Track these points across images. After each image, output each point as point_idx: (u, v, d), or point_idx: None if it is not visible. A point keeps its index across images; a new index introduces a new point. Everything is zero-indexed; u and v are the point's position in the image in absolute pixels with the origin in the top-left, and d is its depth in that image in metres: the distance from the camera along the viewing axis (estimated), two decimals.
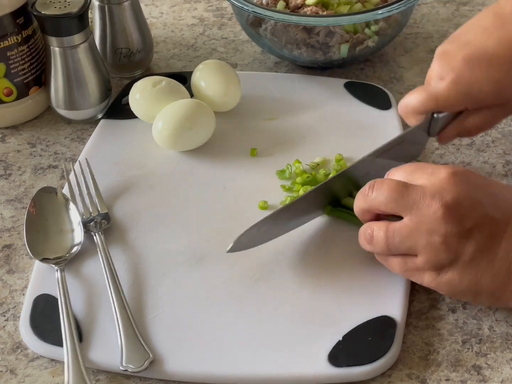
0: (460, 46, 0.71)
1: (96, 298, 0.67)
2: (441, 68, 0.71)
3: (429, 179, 0.62)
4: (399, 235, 0.62)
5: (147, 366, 0.61)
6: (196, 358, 0.62)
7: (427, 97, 0.71)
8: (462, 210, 0.60)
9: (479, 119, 0.72)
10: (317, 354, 0.62)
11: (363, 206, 0.65)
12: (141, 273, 0.69)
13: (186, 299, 0.67)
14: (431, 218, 0.60)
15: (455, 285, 0.62)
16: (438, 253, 0.61)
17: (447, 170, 0.62)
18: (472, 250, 0.60)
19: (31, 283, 0.69)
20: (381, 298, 0.66)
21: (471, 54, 0.70)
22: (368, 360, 0.61)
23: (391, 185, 0.63)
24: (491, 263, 0.60)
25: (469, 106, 0.71)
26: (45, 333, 0.64)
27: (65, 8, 0.80)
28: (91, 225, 0.72)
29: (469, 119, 0.72)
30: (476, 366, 0.62)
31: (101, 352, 0.63)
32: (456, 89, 0.70)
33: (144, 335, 0.63)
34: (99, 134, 0.84)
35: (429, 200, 0.61)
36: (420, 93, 0.72)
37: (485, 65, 0.69)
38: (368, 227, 0.65)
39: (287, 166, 0.78)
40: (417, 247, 0.62)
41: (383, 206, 0.63)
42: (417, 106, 0.72)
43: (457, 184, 0.61)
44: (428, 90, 0.71)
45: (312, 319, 0.65)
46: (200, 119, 0.80)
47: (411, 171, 0.64)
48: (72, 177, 0.77)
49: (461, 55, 0.70)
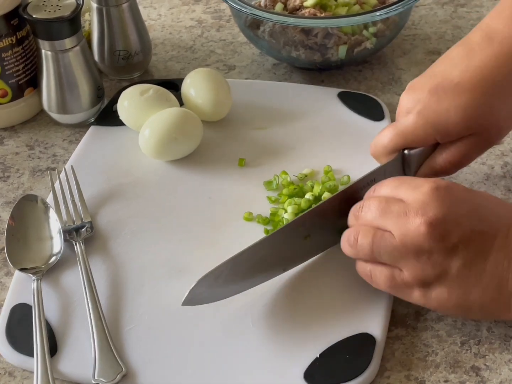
0: (428, 78, 0.70)
1: (73, 309, 0.67)
2: (409, 102, 0.69)
3: (412, 194, 0.61)
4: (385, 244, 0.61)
5: (119, 380, 0.61)
6: (170, 372, 0.62)
7: (395, 133, 0.69)
8: (446, 226, 0.59)
9: (452, 153, 0.69)
10: (293, 372, 0.61)
11: (355, 224, 0.64)
12: (120, 284, 0.69)
13: (163, 312, 0.66)
14: (415, 234, 0.59)
15: (444, 301, 0.61)
16: (424, 269, 0.60)
17: (430, 185, 0.61)
18: (459, 265, 0.59)
19: (9, 292, 0.68)
20: (361, 315, 0.65)
21: (437, 84, 0.68)
22: (345, 378, 0.61)
23: (376, 203, 0.63)
24: (479, 278, 0.60)
25: (439, 138, 0.69)
26: (19, 343, 0.64)
27: (57, 12, 0.80)
28: (73, 234, 0.72)
29: (442, 154, 0.70)
30: (474, 367, 0.62)
31: (75, 364, 0.63)
32: (422, 121, 0.68)
33: (119, 348, 0.63)
34: (88, 140, 0.84)
35: (413, 216, 0.60)
36: (389, 130, 0.70)
37: (450, 94, 0.67)
38: (354, 230, 0.63)
39: (274, 177, 0.77)
40: (401, 261, 0.61)
41: (370, 224, 0.62)
42: (386, 143, 0.70)
43: (439, 199, 0.60)
44: (395, 126, 0.70)
45: (289, 336, 0.64)
46: (186, 129, 0.79)
47: (395, 186, 0.63)
48: (57, 185, 0.76)
49: (428, 87, 0.68)
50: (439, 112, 0.67)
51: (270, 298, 0.67)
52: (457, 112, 0.67)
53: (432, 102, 0.68)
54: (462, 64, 0.68)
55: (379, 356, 0.62)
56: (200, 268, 0.68)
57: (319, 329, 0.64)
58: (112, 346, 0.62)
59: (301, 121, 0.84)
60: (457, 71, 0.68)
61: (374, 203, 0.63)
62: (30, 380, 0.63)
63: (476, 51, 0.69)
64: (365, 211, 0.63)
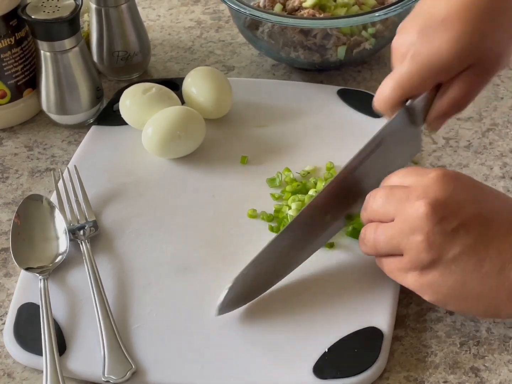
0: (415, 19, 0.68)
1: (80, 307, 0.67)
2: (401, 46, 0.68)
3: (418, 180, 0.61)
4: (384, 234, 0.61)
5: (129, 377, 0.61)
6: (179, 369, 0.62)
7: (393, 83, 0.68)
8: (447, 209, 0.59)
9: (456, 90, 0.67)
10: (302, 366, 0.61)
11: (365, 216, 0.65)
12: (127, 282, 0.68)
13: (171, 310, 0.66)
14: (414, 216, 0.59)
15: (438, 287, 0.60)
16: (420, 251, 0.59)
17: (437, 172, 0.61)
18: (457, 250, 0.58)
19: (16, 291, 0.68)
20: (369, 309, 0.65)
21: (424, 24, 0.66)
22: (353, 372, 0.61)
23: (380, 192, 0.63)
24: (479, 265, 0.58)
25: (437, 79, 0.67)
26: (27, 342, 0.64)
27: (56, 13, 0.80)
28: (78, 233, 0.72)
29: (446, 93, 0.67)
30: (474, 368, 0.62)
31: (84, 362, 0.63)
32: (417, 66, 0.66)
33: (128, 345, 0.63)
34: (89, 140, 0.84)
35: (414, 198, 0.60)
36: (387, 82, 0.68)
37: (439, 30, 0.65)
38: (364, 228, 0.64)
39: (277, 174, 0.77)
40: (400, 246, 0.60)
41: (378, 214, 0.63)
42: (387, 96, 0.68)
43: (444, 183, 0.60)
44: (393, 76, 0.68)
45: (297, 330, 0.64)
46: (189, 127, 0.79)
47: (403, 175, 0.64)
48: (60, 185, 0.76)
49: (416, 28, 0.67)
50: (432, 52, 0.65)
51: (278, 293, 0.67)
52: (448, 47, 0.65)
53: (423, 43, 0.66)
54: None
55: (387, 350, 0.63)
56: (206, 265, 0.69)
57: (327, 323, 0.64)
58: (121, 344, 0.62)
59: (302, 118, 0.85)
60: (441, 6, 0.66)
61: (379, 192, 0.63)
62: (30, 381, 0.63)
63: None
64: (371, 202, 0.63)
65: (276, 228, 0.72)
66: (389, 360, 0.63)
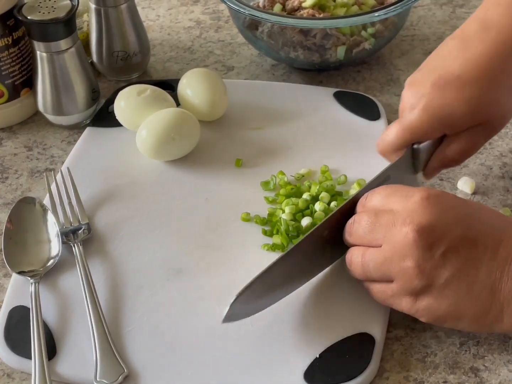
0: (428, 73, 0.70)
1: (72, 310, 0.67)
2: (412, 97, 0.70)
3: (402, 203, 0.61)
4: (373, 260, 0.61)
5: (121, 381, 0.61)
6: (172, 373, 0.62)
7: (402, 129, 0.70)
8: (434, 233, 0.59)
9: (460, 145, 0.70)
10: (293, 372, 0.61)
11: (350, 241, 0.64)
12: (119, 285, 0.68)
13: (163, 313, 0.66)
14: (403, 243, 0.59)
15: (433, 311, 0.60)
16: (411, 279, 0.59)
17: (421, 194, 0.61)
18: (448, 274, 0.59)
19: (7, 294, 0.68)
20: (360, 315, 0.65)
21: (438, 78, 0.68)
22: (344, 378, 0.61)
23: (366, 217, 0.62)
24: (470, 287, 0.59)
25: (446, 131, 0.69)
26: (17, 345, 0.64)
27: (52, 13, 0.80)
28: (71, 236, 0.72)
29: (450, 146, 0.70)
30: (473, 368, 0.62)
31: (75, 366, 0.63)
32: (428, 116, 0.68)
33: (120, 349, 0.63)
34: (84, 141, 0.84)
35: (400, 225, 0.59)
36: (395, 127, 0.71)
37: (454, 86, 0.68)
38: (350, 251, 0.64)
39: (271, 177, 0.77)
40: (391, 273, 0.60)
41: (364, 239, 0.62)
42: (393, 140, 0.70)
43: (428, 207, 0.60)
44: (401, 122, 0.70)
45: (289, 336, 0.64)
46: (184, 129, 0.79)
47: (386, 195, 0.63)
48: (53, 187, 0.76)
49: (429, 81, 0.69)
50: (444, 106, 0.68)
51: None
52: (460, 105, 0.67)
53: (435, 96, 0.68)
54: (460, 56, 0.68)
55: (379, 356, 0.62)
56: (198, 269, 0.69)
57: (319, 329, 0.64)
58: (113, 348, 0.62)
59: (297, 121, 0.84)
60: (456, 64, 0.68)
61: (364, 217, 0.62)
62: (29, 381, 0.63)
63: (473, 43, 0.69)
64: (356, 227, 0.63)
65: (269, 232, 0.72)
66: (389, 360, 0.63)
